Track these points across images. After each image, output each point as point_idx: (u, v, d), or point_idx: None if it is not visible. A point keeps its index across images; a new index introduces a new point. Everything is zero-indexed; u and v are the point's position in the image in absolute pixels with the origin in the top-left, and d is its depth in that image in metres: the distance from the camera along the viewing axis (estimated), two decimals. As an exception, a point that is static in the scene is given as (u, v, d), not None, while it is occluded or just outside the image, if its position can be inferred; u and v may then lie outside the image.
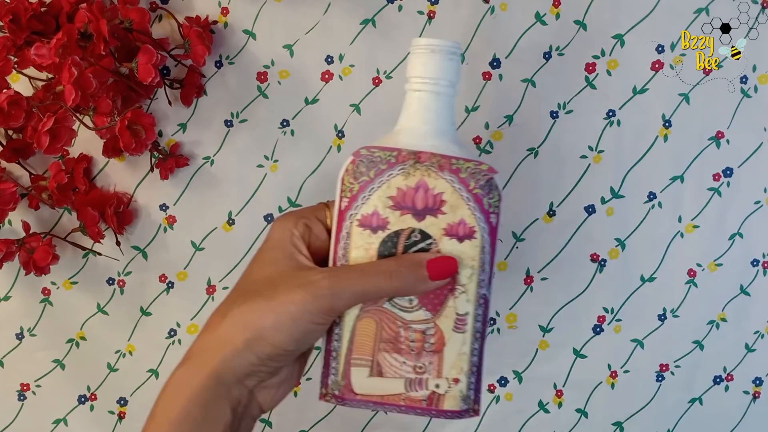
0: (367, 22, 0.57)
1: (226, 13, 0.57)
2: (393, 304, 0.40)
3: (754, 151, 0.59)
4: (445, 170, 0.39)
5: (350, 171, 0.40)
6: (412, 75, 0.41)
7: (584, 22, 0.57)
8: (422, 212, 0.40)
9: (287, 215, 0.42)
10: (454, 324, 0.40)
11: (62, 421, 0.62)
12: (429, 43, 0.40)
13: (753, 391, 0.61)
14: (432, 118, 0.40)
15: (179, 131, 0.58)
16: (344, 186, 0.40)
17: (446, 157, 0.39)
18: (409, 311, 0.40)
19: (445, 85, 0.40)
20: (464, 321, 0.40)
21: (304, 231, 0.41)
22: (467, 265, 0.40)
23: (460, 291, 0.40)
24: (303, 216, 0.42)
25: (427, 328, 0.40)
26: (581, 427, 0.61)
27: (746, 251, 0.60)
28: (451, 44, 0.40)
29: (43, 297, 0.60)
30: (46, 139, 0.49)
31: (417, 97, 0.41)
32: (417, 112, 0.41)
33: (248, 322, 0.38)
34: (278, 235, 0.41)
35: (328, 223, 0.42)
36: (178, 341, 0.61)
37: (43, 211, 0.59)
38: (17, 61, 0.52)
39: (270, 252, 0.41)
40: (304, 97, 0.58)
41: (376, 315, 0.40)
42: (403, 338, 0.40)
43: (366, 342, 0.40)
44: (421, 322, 0.40)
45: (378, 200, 0.39)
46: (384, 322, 0.40)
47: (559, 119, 0.58)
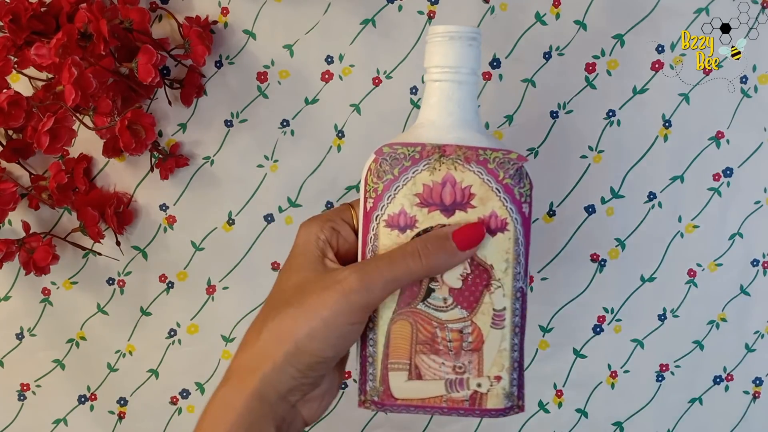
0: (367, 22, 0.57)
1: (226, 13, 0.57)
2: (427, 304, 0.38)
3: (754, 151, 0.59)
4: (471, 162, 0.38)
5: (373, 170, 0.38)
6: (432, 65, 0.39)
7: (584, 22, 0.57)
8: (451, 207, 0.38)
9: (312, 220, 0.41)
10: (491, 320, 0.39)
11: (62, 421, 0.62)
12: (447, 30, 0.38)
13: (753, 391, 0.61)
14: (455, 108, 0.39)
15: (179, 131, 0.58)
16: (368, 186, 0.39)
17: (472, 148, 0.38)
18: (444, 311, 0.39)
19: (466, 72, 0.39)
20: (502, 317, 0.39)
21: (330, 234, 0.40)
22: (501, 258, 0.38)
23: (496, 286, 0.38)
24: (329, 219, 0.41)
25: (464, 326, 0.39)
26: (581, 427, 0.61)
27: (746, 251, 0.60)
28: (471, 29, 0.38)
29: (43, 297, 0.60)
30: (46, 139, 0.49)
31: (438, 87, 0.39)
32: (439, 104, 0.39)
33: (283, 334, 0.37)
34: (303, 240, 0.40)
35: (354, 224, 0.41)
36: (178, 341, 0.61)
37: (43, 211, 0.59)
38: (17, 61, 0.52)
39: (296, 259, 0.40)
40: (304, 97, 0.58)
41: (411, 317, 0.38)
42: (440, 339, 0.39)
43: (402, 345, 0.39)
44: (458, 320, 0.39)
45: (404, 198, 0.38)
46: (419, 323, 0.39)
47: (559, 119, 0.58)
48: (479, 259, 0.38)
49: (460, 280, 0.39)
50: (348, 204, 0.42)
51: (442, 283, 0.38)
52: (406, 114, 0.58)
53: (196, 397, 0.62)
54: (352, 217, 0.41)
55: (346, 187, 0.59)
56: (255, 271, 0.60)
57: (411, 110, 0.58)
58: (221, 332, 0.61)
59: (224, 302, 0.61)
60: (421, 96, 0.40)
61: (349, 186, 0.59)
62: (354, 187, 0.59)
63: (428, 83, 0.40)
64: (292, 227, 0.59)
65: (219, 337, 0.61)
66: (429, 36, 0.39)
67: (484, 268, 0.38)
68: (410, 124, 0.58)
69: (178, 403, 0.62)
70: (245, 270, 0.60)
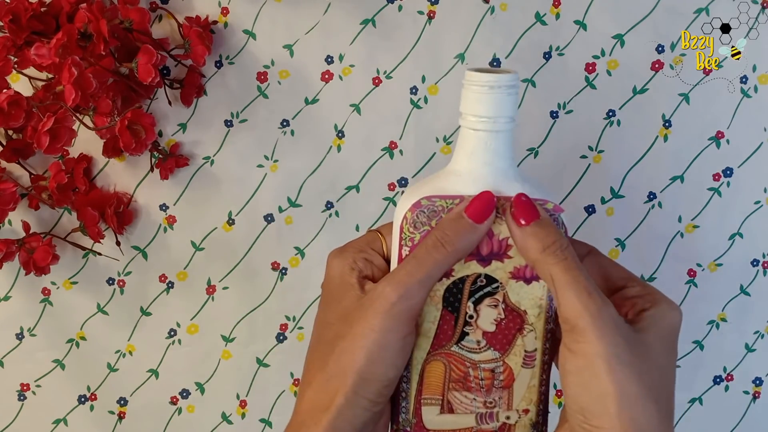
0: (367, 22, 0.57)
1: (226, 13, 0.57)
2: (461, 346, 0.39)
3: (754, 151, 0.59)
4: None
5: (409, 220, 0.38)
6: (469, 112, 0.38)
7: (584, 22, 0.57)
8: (487, 257, 0.38)
9: (343, 250, 0.40)
10: (522, 360, 0.39)
11: (62, 421, 0.62)
12: (487, 80, 0.37)
13: (753, 391, 0.61)
14: (492, 158, 0.38)
15: (179, 131, 0.58)
16: (404, 235, 0.38)
17: (509, 199, 0.38)
18: (477, 352, 0.39)
19: (504, 122, 0.38)
20: (533, 357, 0.39)
21: (364, 265, 0.40)
22: (535, 305, 0.39)
23: (528, 330, 0.39)
24: (360, 250, 0.40)
25: (496, 366, 0.39)
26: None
27: (746, 251, 0.60)
28: (510, 78, 0.37)
29: (43, 297, 0.60)
30: (46, 139, 0.49)
31: (475, 136, 0.38)
32: (475, 152, 0.38)
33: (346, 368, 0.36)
34: (339, 271, 0.39)
35: (385, 252, 0.41)
36: (178, 341, 0.61)
37: (43, 211, 0.59)
38: (17, 61, 0.52)
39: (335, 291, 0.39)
40: (304, 97, 0.58)
41: (444, 358, 0.39)
42: (473, 377, 0.39)
43: (435, 383, 0.39)
44: (490, 361, 0.39)
45: None
46: (452, 364, 0.39)
47: (559, 119, 0.58)
48: (513, 305, 0.39)
49: (494, 324, 0.39)
50: (376, 231, 0.42)
51: (476, 327, 0.39)
52: (406, 114, 0.58)
53: (196, 397, 0.62)
54: (383, 245, 0.41)
55: (346, 187, 0.59)
56: (255, 271, 0.60)
57: (411, 110, 0.58)
58: (221, 332, 0.61)
59: (224, 302, 0.61)
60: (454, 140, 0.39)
61: (349, 186, 0.59)
62: (354, 187, 0.59)
63: (464, 130, 0.39)
64: (292, 227, 0.59)
65: (219, 337, 0.61)
66: (467, 82, 0.38)
67: (518, 313, 0.39)
68: (412, 124, 0.58)
69: (178, 403, 0.62)
70: (245, 270, 0.60)
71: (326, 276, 0.40)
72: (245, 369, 0.62)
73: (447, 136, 0.58)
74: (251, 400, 0.62)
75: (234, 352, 0.61)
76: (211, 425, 0.62)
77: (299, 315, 0.61)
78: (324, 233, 0.60)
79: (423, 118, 0.58)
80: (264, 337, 0.61)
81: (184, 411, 0.62)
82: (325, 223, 0.59)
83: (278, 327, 0.61)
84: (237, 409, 0.62)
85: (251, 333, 0.61)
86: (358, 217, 0.59)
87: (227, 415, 0.62)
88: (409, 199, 0.38)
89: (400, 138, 0.58)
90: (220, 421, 0.62)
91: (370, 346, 0.36)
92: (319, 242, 0.60)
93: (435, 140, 0.58)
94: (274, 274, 0.60)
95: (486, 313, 0.39)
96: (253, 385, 0.62)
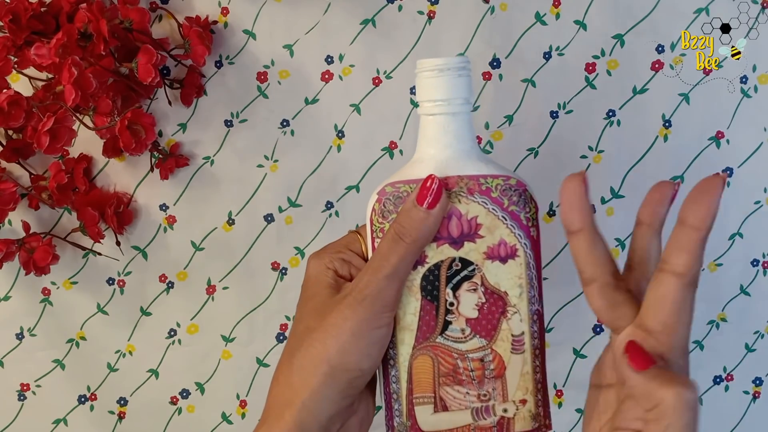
0: (367, 22, 0.57)
1: (226, 13, 0.57)
2: (445, 337, 0.39)
3: (754, 151, 0.59)
4: (475, 193, 0.38)
5: (377, 210, 0.38)
6: (424, 99, 0.39)
7: (584, 22, 0.57)
8: (459, 239, 0.38)
9: (321, 252, 0.41)
10: (511, 346, 0.39)
11: (62, 421, 0.62)
12: (435, 63, 0.38)
13: (753, 391, 0.61)
14: (452, 140, 0.39)
15: (179, 131, 0.58)
16: (374, 227, 0.39)
17: (473, 178, 0.38)
18: (463, 341, 0.39)
19: (459, 103, 0.38)
20: (521, 341, 0.39)
21: (340, 265, 0.40)
22: (515, 284, 0.39)
23: (512, 312, 0.39)
24: (337, 251, 0.41)
25: (485, 354, 0.39)
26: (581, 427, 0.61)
27: (746, 251, 0.60)
28: (459, 60, 0.38)
29: (43, 297, 0.60)
30: (46, 139, 0.49)
31: (433, 121, 0.39)
32: (435, 137, 0.39)
33: (314, 359, 0.37)
34: (315, 271, 0.40)
35: (363, 252, 0.41)
36: (178, 341, 0.61)
37: (43, 211, 0.59)
38: (17, 61, 0.52)
39: (310, 289, 0.40)
40: (304, 97, 0.58)
41: (430, 351, 0.39)
42: (462, 369, 0.39)
43: (425, 379, 0.39)
44: (478, 350, 0.39)
45: None
46: (439, 356, 0.39)
47: (559, 119, 0.58)
48: (493, 287, 0.39)
49: (476, 309, 0.39)
50: (355, 232, 0.42)
51: (458, 315, 0.39)
52: (406, 114, 0.58)
53: (196, 397, 0.62)
54: (362, 245, 0.41)
55: (346, 187, 0.59)
56: (255, 271, 0.60)
57: (411, 110, 0.58)
58: (221, 332, 0.61)
59: (224, 302, 0.61)
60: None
61: (349, 186, 0.59)
62: (354, 187, 0.59)
63: (422, 117, 0.39)
64: (292, 227, 0.59)
65: (219, 337, 0.61)
66: (418, 70, 0.39)
67: (499, 295, 0.39)
68: (412, 124, 0.58)
69: (178, 403, 0.62)
70: (245, 270, 0.60)
71: (305, 276, 0.41)
72: (245, 369, 0.62)
73: (447, 136, 0.58)
74: (251, 400, 0.62)
75: (234, 352, 0.61)
76: (211, 425, 0.62)
77: (299, 315, 0.61)
78: (324, 233, 0.60)
79: (423, 118, 0.58)
80: (264, 337, 0.61)
81: (184, 411, 0.62)
82: (325, 223, 0.60)
83: (278, 327, 0.61)
84: (237, 409, 0.62)
85: (251, 333, 0.61)
86: (358, 217, 0.59)
87: (227, 415, 0.62)
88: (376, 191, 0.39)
89: (400, 138, 0.58)
90: (220, 421, 0.62)
91: (342, 335, 0.36)
92: (319, 242, 0.60)
93: (435, 140, 0.58)
94: (274, 274, 0.60)
95: (466, 298, 0.39)
96: (253, 385, 0.62)
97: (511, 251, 0.38)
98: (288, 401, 0.37)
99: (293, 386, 0.37)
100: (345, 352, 0.37)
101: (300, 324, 0.39)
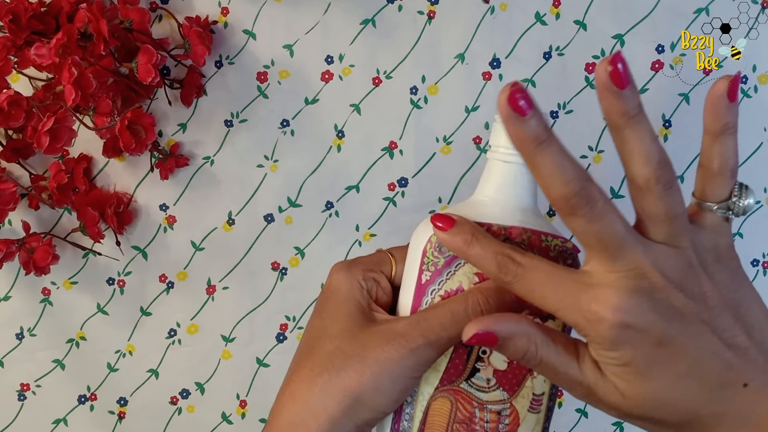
0: (367, 22, 0.57)
1: (226, 13, 0.57)
2: (470, 384, 0.38)
3: (754, 151, 0.59)
4: (534, 248, 0.38)
5: (434, 244, 0.38)
6: (502, 145, 0.38)
7: (584, 22, 0.57)
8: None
9: (351, 266, 0.40)
10: (530, 404, 0.39)
11: (62, 421, 0.62)
12: None
13: (753, 391, 0.61)
14: (520, 192, 0.39)
15: (179, 131, 0.58)
16: (426, 259, 0.38)
17: (536, 233, 0.38)
18: (486, 391, 0.38)
19: None
20: (540, 401, 0.39)
21: (371, 286, 0.39)
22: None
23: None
24: (369, 269, 0.40)
25: (503, 408, 0.39)
26: (581, 427, 0.61)
27: (746, 251, 0.60)
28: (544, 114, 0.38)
29: (43, 297, 0.60)
30: (46, 139, 0.49)
31: (505, 168, 0.38)
32: (505, 185, 0.39)
33: (345, 388, 0.35)
34: (346, 287, 0.39)
35: (392, 276, 0.40)
36: (178, 341, 0.61)
37: (43, 211, 0.59)
38: (17, 61, 0.52)
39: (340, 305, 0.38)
40: (304, 97, 0.58)
41: (452, 395, 0.38)
42: (478, 419, 0.38)
43: (439, 422, 0.38)
44: (498, 402, 0.38)
45: (464, 276, 0.38)
46: (459, 402, 0.38)
47: (559, 119, 0.58)
48: None
49: (506, 362, 0.39)
50: (385, 252, 0.41)
51: (488, 365, 0.38)
52: (406, 114, 0.58)
53: (196, 397, 0.62)
54: (392, 268, 0.40)
55: (346, 187, 0.59)
56: (255, 271, 0.60)
57: (411, 110, 0.58)
58: (221, 332, 0.61)
59: (224, 302, 0.61)
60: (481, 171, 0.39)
61: (349, 186, 0.59)
62: (354, 187, 0.59)
63: (493, 162, 0.39)
64: (292, 227, 0.59)
65: (219, 337, 0.61)
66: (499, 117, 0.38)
67: None
68: (412, 124, 0.58)
69: (178, 403, 0.62)
70: (245, 270, 0.60)
71: (330, 287, 0.39)
72: (245, 369, 0.62)
73: (447, 136, 0.58)
74: (251, 400, 0.62)
75: (234, 352, 0.61)
76: (211, 425, 0.62)
77: (299, 315, 0.61)
78: (324, 233, 0.60)
79: (423, 118, 0.58)
80: (264, 337, 0.61)
81: (184, 411, 0.62)
82: (325, 223, 0.60)
83: (278, 327, 0.61)
84: (237, 409, 0.62)
85: (251, 333, 0.61)
86: (358, 217, 0.59)
87: (227, 415, 0.62)
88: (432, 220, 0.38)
89: (400, 138, 0.58)
90: (220, 421, 0.62)
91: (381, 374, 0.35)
92: (319, 242, 0.60)
93: (435, 140, 0.58)
94: (274, 274, 0.60)
95: None
96: (253, 385, 0.62)
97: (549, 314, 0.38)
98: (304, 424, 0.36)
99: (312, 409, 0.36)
100: (377, 391, 0.35)
101: (329, 342, 0.37)
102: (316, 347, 0.38)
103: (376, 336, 0.36)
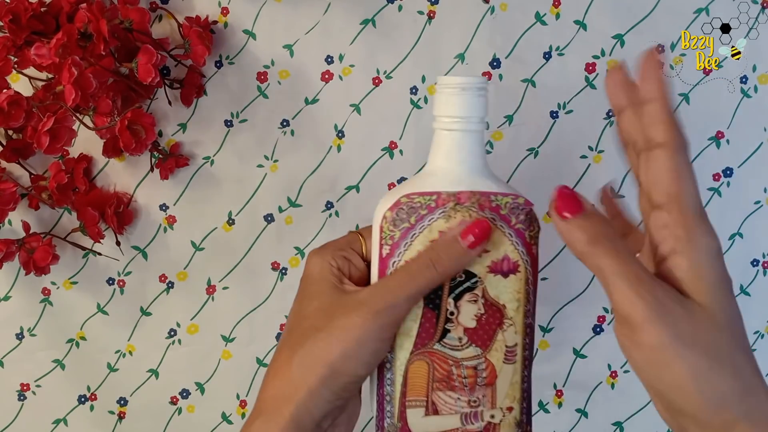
0: (367, 22, 0.57)
1: (226, 13, 0.57)
2: (443, 344, 0.40)
3: (754, 151, 0.59)
4: (485, 209, 0.39)
5: (389, 219, 0.39)
6: (443, 114, 0.40)
7: (584, 22, 0.57)
8: None
9: (323, 249, 0.42)
10: (504, 356, 0.40)
11: (62, 421, 0.62)
12: (458, 82, 0.39)
13: (753, 391, 0.61)
14: (466, 157, 0.40)
15: (179, 131, 0.58)
16: (384, 234, 0.39)
17: (485, 194, 0.39)
18: (459, 349, 0.40)
19: (476, 122, 0.40)
20: (514, 352, 0.40)
21: (342, 263, 0.41)
22: (513, 298, 0.40)
23: (508, 324, 0.40)
24: (339, 248, 0.41)
25: (479, 363, 0.40)
26: (581, 427, 0.61)
27: (746, 251, 0.60)
28: (480, 81, 0.40)
29: (43, 297, 0.60)
30: (46, 139, 0.49)
31: (449, 136, 0.40)
32: (450, 152, 0.40)
33: (317, 359, 0.37)
34: (318, 268, 0.41)
35: (364, 253, 0.42)
36: (178, 341, 0.61)
37: (43, 211, 0.59)
38: (17, 61, 0.52)
39: (313, 286, 0.40)
40: (304, 97, 0.58)
41: (428, 357, 0.40)
42: (456, 375, 0.40)
43: (419, 383, 0.40)
44: (473, 358, 0.40)
45: (420, 245, 0.39)
46: (436, 362, 0.40)
47: (559, 119, 0.58)
48: (492, 300, 0.40)
49: (475, 320, 0.40)
50: (356, 232, 0.43)
51: (457, 324, 0.40)
52: (406, 114, 0.58)
53: (196, 397, 0.62)
54: (362, 246, 0.42)
55: (346, 187, 0.59)
56: (255, 271, 0.60)
57: (411, 110, 0.58)
58: (221, 332, 0.61)
59: (224, 302, 0.61)
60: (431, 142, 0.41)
61: (349, 186, 0.59)
62: (354, 187, 0.59)
63: (438, 131, 0.40)
64: (292, 227, 0.59)
65: (219, 337, 0.61)
66: (440, 86, 0.40)
67: (497, 307, 0.40)
68: (412, 124, 0.58)
69: (178, 403, 0.62)
70: (245, 270, 0.60)
71: (305, 272, 0.41)
72: (245, 369, 0.62)
73: (447, 136, 0.58)
74: (251, 400, 0.62)
75: (234, 352, 0.61)
76: (211, 425, 0.62)
77: (299, 315, 0.61)
78: (324, 233, 0.60)
79: (423, 118, 0.58)
80: (264, 337, 0.61)
81: (184, 411, 0.62)
82: (325, 223, 0.60)
83: (278, 327, 0.61)
84: (237, 409, 0.62)
85: (251, 333, 0.61)
86: (358, 217, 0.59)
87: (227, 415, 0.62)
88: (388, 199, 0.40)
89: (400, 138, 0.58)
90: (220, 421, 0.62)
91: (348, 341, 0.37)
92: (319, 242, 0.60)
93: (435, 140, 0.58)
94: (274, 274, 0.60)
95: (466, 309, 0.40)
96: (253, 385, 0.62)
97: (513, 267, 0.40)
98: (286, 397, 0.38)
99: (292, 382, 0.38)
100: (347, 357, 0.37)
101: (305, 321, 0.39)
102: (294, 328, 0.40)
103: (343, 307, 0.38)
